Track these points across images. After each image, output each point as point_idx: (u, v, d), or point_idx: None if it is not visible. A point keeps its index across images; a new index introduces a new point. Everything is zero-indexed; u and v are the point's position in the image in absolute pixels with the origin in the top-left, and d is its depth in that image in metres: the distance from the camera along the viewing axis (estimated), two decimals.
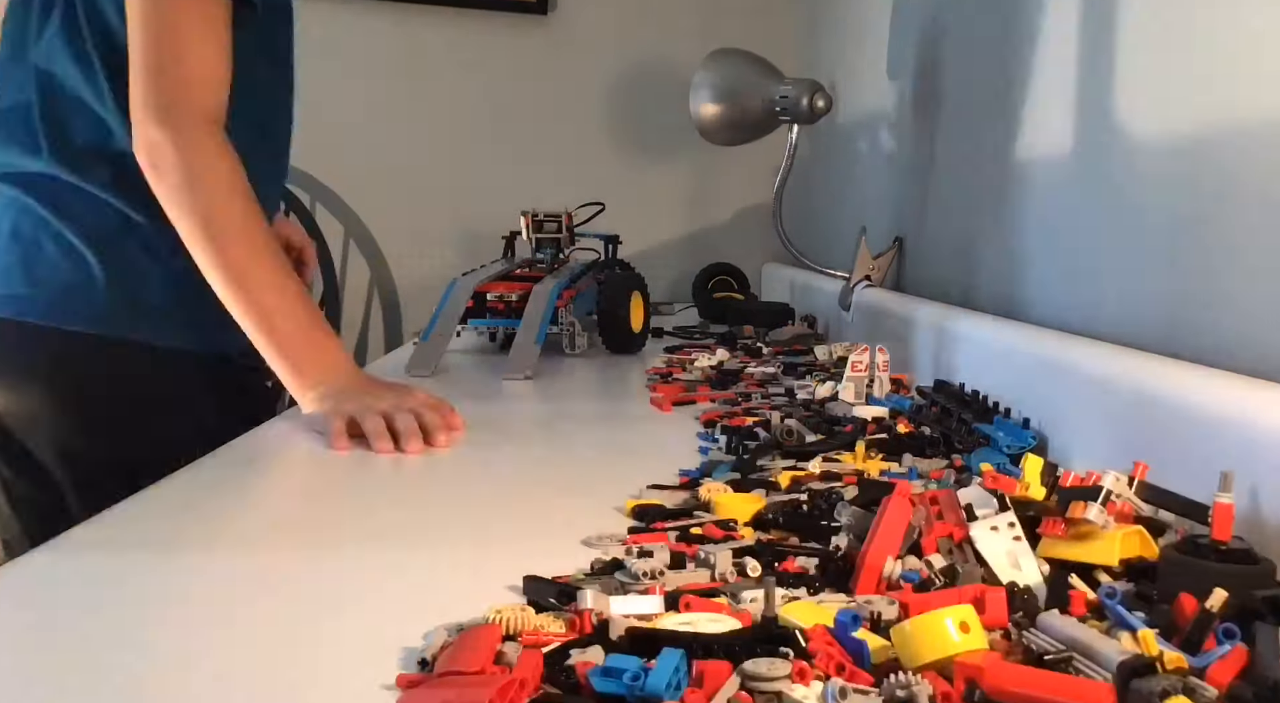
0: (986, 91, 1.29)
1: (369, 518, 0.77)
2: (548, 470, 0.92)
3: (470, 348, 1.60)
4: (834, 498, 0.73)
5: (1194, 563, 0.53)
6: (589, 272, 1.65)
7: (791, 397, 1.18)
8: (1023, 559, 0.58)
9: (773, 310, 1.84)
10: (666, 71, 2.37)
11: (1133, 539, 0.59)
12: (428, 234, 2.41)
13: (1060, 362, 0.88)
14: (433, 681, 0.46)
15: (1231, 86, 0.79)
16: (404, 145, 2.39)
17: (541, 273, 1.62)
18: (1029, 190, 1.16)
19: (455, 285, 1.50)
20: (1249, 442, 0.62)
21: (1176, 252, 0.86)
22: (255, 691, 0.48)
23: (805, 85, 1.69)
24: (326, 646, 0.53)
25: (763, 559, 0.63)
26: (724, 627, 0.52)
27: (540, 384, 1.34)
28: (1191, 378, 0.72)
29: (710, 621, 0.52)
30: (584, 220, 1.78)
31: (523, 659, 0.47)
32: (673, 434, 1.04)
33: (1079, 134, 1.04)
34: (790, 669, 0.46)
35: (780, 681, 0.45)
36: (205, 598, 0.60)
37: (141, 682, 0.49)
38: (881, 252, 1.58)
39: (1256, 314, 0.75)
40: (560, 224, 1.66)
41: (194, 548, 0.69)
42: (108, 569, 0.64)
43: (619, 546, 0.66)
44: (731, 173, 2.46)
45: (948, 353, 1.15)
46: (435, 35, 2.36)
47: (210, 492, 0.83)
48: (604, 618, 0.52)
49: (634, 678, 0.44)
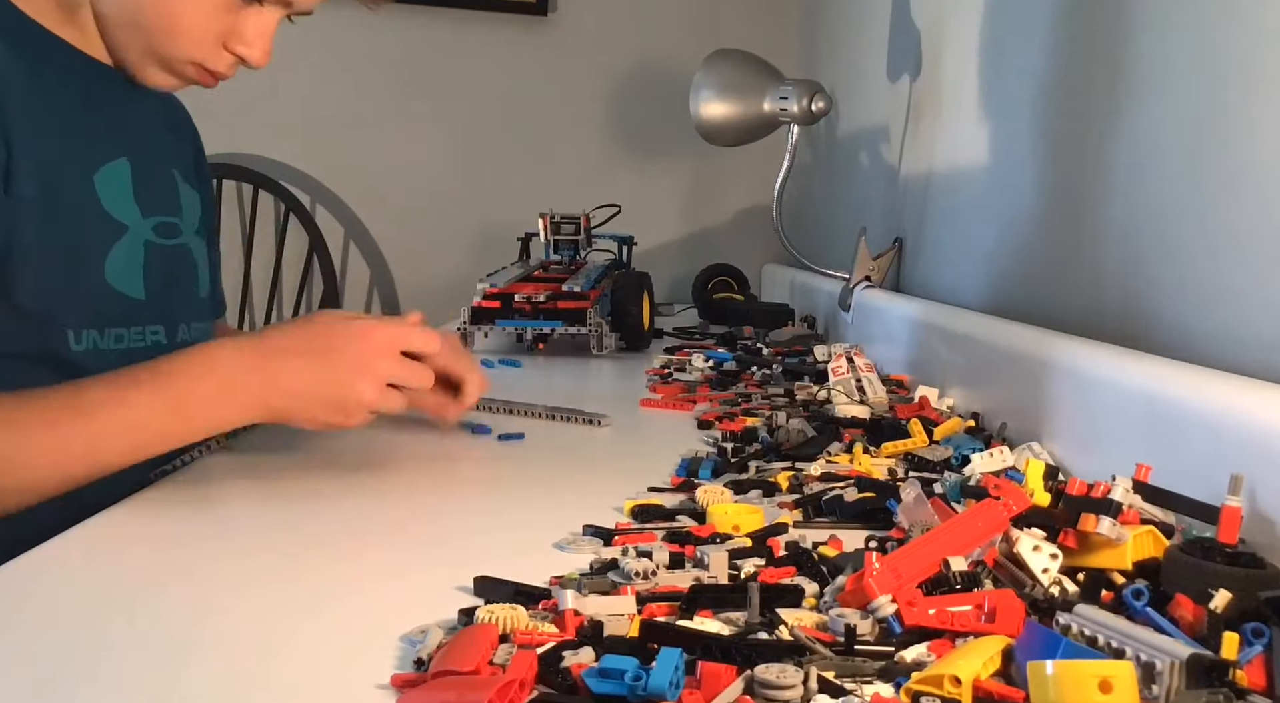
0: (986, 91, 1.28)
1: (366, 517, 0.77)
2: (548, 470, 0.92)
3: (499, 349, 1.60)
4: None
5: (1201, 564, 0.53)
6: (608, 273, 1.66)
7: (791, 397, 1.18)
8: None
9: (773, 311, 1.84)
10: (666, 72, 2.37)
11: (1145, 541, 0.58)
12: (428, 234, 2.41)
13: (1059, 362, 0.87)
14: (429, 681, 0.46)
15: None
16: (404, 146, 2.39)
17: (562, 274, 1.63)
18: (1029, 190, 1.16)
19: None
20: (1249, 442, 0.61)
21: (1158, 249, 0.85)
22: (251, 690, 0.48)
23: (805, 86, 1.69)
24: (320, 645, 0.53)
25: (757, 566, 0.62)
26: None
27: (549, 381, 1.33)
28: (1192, 378, 0.71)
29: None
30: (601, 223, 1.79)
31: (517, 660, 0.46)
32: (674, 435, 1.04)
33: (1079, 133, 1.04)
34: (801, 678, 0.45)
35: (792, 689, 0.44)
36: (198, 599, 0.60)
37: (136, 683, 0.49)
38: (881, 252, 1.57)
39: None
40: (578, 226, 1.68)
41: (188, 548, 0.69)
42: (106, 570, 0.64)
43: (592, 548, 0.67)
44: (731, 174, 2.46)
45: (947, 353, 1.15)
46: (435, 36, 2.36)
47: (207, 492, 0.83)
48: (595, 619, 0.52)
49: (635, 678, 0.44)
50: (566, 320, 1.49)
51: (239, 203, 2.39)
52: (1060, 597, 0.55)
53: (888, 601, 0.51)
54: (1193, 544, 0.55)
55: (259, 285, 2.39)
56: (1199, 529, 0.59)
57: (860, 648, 0.50)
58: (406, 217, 2.41)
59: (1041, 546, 0.58)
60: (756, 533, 0.68)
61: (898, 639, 0.50)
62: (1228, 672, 0.43)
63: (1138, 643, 0.44)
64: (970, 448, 0.85)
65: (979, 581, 0.55)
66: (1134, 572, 0.57)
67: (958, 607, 0.51)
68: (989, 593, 0.52)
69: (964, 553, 0.56)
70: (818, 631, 0.51)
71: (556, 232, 1.68)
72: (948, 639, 0.50)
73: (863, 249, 1.56)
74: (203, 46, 0.93)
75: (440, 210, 2.41)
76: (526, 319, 1.50)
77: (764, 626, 0.52)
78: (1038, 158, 1.14)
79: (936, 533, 0.57)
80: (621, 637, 0.51)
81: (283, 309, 2.40)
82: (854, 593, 0.53)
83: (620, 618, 0.52)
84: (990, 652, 0.47)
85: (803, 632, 0.51)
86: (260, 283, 2.39)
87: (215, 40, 0.93)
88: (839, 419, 1.03)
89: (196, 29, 0.92)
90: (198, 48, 0.93)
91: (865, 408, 1.06)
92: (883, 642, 0.50)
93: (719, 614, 0.54)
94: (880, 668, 0.48)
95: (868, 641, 0.50)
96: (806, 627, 0.52)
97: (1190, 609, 0.50)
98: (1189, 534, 0.58)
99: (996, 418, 0.97)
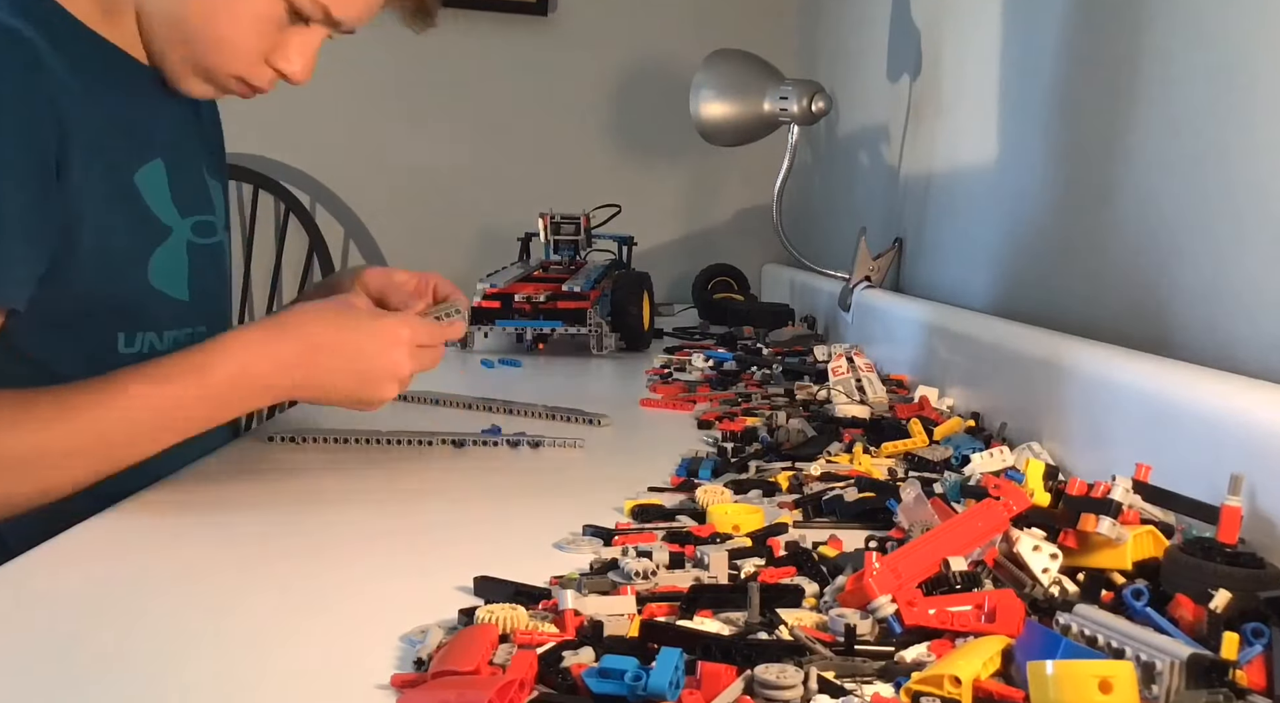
0: (986, 91, 1.28)
1: (366, 517, 0.77)
2: (549, 469, 0.92)
3: (499, 349, 1.59)
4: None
5: (1201, 564, 0.53)
6: (608, 273, 1.66)
7: (791, 398, 1.18)
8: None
9: (773, 311, 1.84)
10: (667, 72, 2.37)
11: (1145, 541, 0.58)
12: (428, 234, 2.40)
13: (1059, 362, 0.87)
14: (429, 681, 0.46)
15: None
16: (404, 146, 2.39)
17: (562, 274, 1.63)
18: (1027, 189, 1.16)
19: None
20: (1249, 442, 0.61)
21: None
22: (252, 689, 0.48)
23: (805, 86, 1.69)
24: (321, 645, 0.53)
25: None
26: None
27: (549, 381, 1.33)
28: (1193, 378, 0.71)
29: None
30: (601, 223, 1.79)
31: (517, 660, 0.46)
32: (674, 435, 1.04)
33: (1077, 133, 1.04)
34: (801, 678, 0.45)
35: (792, 689, 0.44)
36: (199, 598, 0.60)
37: (136, 682, 0.49)
38: (881, 252, 1.57)
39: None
40: (578, 226, 1.68)
41: (189, 548, 0.69)
42: (106, 570, 0.64)
43: (592, 548, 0.67)
44: (731, 174, 2.46)
45: (947, 353, 1.15)
46: (435, 35, 2.35)
47: (208, 492, 0.83)
48: (595, 619, 0.52)
49: (635, 678, 0.44)
50: (566, 320, 1.49)
51: (239, 203, 2.39)
52: (1060, 597, 0.55)
53: (888, 601, 0.51)
54: (1192, 544, 0.55)
55: (259, 285, 2.39)
56: (1199, 529, 0.59)
57: (860, 648, 0.50)
58: (406, 217, 2.41)
59: (1041, 546, 0.58)
60: (756, 533, 0.68)
61: (898, 639, 0.50)
62: (1228, 672, 0.43)
63: (1138, 643, 0.44)
64: (970, 448, 0.85)
65: (979, 581, 0.55)
66: (1134, 572, 0.57)
67: (958, 607, 0.51)
68: (989, 593, 0.52)
69: (964, 553, 0.56)
70: (818, 631, 0.51)
71: (556, 231, 1.68)
72: (948, 639, 0.50)
73: (863, 249, 1.56)
74: (247, 62, 0.93)
75: (440, 210, 2.41)
76: (526, 319, 1.50)
77: (764, 626, 0.52)
78: (1038, 158, 1.14)
79: (936, 533, 0.57)
80: (621, 637, 0.51)
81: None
82: (854, 593, 0.53)
83: (620, 618, 0.52)
84: (990, 652, 0.47)
85: (803, 632, 0.51)
86: (260, 283, 2.39)
87: (259, 56, 0.93)
88: (839, 419, 1.03)
89: (243, 45, 0.91)
90: (242, 63, 0.92)
91: (865, 408, 1.06)
92: (883, 642, 0.50)
93: (719, 614, 0.54)
94: (880, 668, 0.48)
95: (868, 641, 0.50)
96: (806, 627, 0.52)
97: (1190, 609, 0.50)
98: (1189, 534, 0.58)
99: (996, 418, 0.97)
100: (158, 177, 0.95)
